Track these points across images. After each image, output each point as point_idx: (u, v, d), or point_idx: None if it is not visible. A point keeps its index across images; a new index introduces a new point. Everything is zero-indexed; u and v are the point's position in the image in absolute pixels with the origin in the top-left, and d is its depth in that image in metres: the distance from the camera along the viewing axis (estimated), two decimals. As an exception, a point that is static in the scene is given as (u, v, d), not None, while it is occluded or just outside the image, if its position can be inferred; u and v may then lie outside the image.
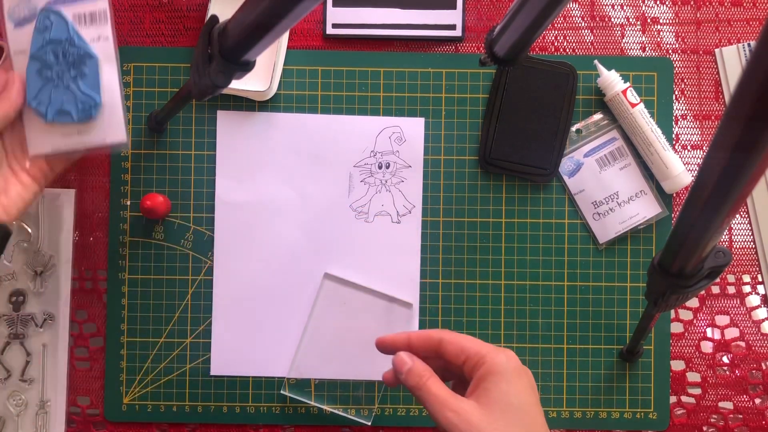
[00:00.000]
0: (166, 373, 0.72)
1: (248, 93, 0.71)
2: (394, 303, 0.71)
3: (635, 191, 0.70)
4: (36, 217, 0.72)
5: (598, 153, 0.70)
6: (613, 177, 0.70)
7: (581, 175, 0.70)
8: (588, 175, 0.70)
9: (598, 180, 0.70)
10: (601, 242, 0.71)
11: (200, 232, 0.72)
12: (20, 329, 0.72)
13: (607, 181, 0.70)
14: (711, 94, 0.74)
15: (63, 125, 0.60)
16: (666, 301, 0.54)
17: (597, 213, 0.70)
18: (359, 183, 0.72)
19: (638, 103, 0.70)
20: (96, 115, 0.60)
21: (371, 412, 0.71)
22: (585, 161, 0.70)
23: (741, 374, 0.72)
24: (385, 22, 0.73)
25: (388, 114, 0.73)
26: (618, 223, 0.70)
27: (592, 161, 0.70)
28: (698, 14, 0.74)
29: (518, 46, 0.56)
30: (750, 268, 0.73)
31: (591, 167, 0.70)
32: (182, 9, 0.74)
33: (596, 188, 0.70)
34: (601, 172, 0.70)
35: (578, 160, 0.70)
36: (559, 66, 0.72)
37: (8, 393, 0.71)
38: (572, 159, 0.70)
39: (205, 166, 0.73)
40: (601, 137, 0.70)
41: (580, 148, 0.70)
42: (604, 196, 0.70)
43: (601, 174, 0.70)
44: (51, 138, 0.60)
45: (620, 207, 0.69)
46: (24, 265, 0.72)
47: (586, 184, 0.70)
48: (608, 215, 0.70)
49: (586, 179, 0.70)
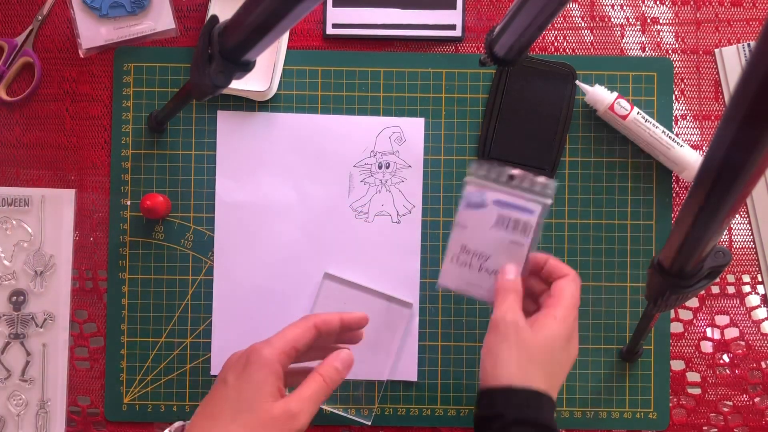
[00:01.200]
0: (166, 373, 0.72)
1: (248, 93, 0.71)
2: (393, 303, 0.71)
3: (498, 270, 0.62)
4: (36, 217, 0.72)
5: (506, 211, 0.61)
6: (497, 242, 0.61)
7: (475, 215, 0.61)
8: (480, 219, 0.61)
9: (483, 232, 0.61)
10: (440, 283, 0.62)
11: (200, 232, 0.72)
12: (20, 329, 0.72)
13: (489, 241, 0.61)
14: (711, 94, 0.74)
15: (116, 18, 0.68)
16: (666, 301, 0.54)
17: (458, 257, 0.62)
18: (359, 183, 0.72)
19: (629, 113, 0.69)
20: (147, 5, 0.70)
21: (371, 411, 0.71)
22: (489, 206, 0.61)
23: (741, 374, 0.72)
24: (385, 22, 0.73)
25: (388, 114, 0.73)
26: (465, 281, 0.62)
27: (493, 211, 0.61)
28: (698, 14, 0.74)
29: (518, 46, 0.56)
30: (750, 268, 0.73)
31: (488, 216, 0.61)
32: (182, 9, 0.74)
33: (476, 237, 0.61)
34: (491, 228, 0.61)
35: (485, 200, 0.61)
36: (559, 66, 0.72)
37: (8, 393, 0.71)
38: (482, 194, 0.61)
39: (205, 166, 0.73)
40: (522, 199, 0.60)
41: (498, 192, 0.61)
42: (475, 249, 0.61)
43: (489, 230, 0.61)
44: (104, 31, 0.70)
45: (478, 272, 0.61)
46: (24, 265, 0.72)
47: (472, 225, 0.61)
48: (464, 268, 0.62)
49: (476, 222, 0.61)
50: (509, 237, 0.61)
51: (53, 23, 0.73)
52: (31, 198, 0.72)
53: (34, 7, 0.74)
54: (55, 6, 0.73)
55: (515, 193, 0.61)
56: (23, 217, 0.72)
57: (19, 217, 0.72)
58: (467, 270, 0.62)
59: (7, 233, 0.72)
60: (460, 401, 0.72)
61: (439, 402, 0.72)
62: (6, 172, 0.73)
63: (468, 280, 0.62)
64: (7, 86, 0.73)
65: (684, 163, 0.69)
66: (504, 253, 0.61)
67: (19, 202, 0.72)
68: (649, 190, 0.73)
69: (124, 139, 0.73)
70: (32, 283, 0.72)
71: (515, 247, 0.61)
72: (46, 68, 0.73)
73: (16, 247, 0.72)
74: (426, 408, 0.72)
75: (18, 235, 0.72)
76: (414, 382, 0.72)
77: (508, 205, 0.61)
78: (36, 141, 0.73)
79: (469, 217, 0.62)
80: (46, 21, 0.74)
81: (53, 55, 0.73)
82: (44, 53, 0.73)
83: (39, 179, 0.73)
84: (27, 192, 0.72)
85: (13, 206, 0.72)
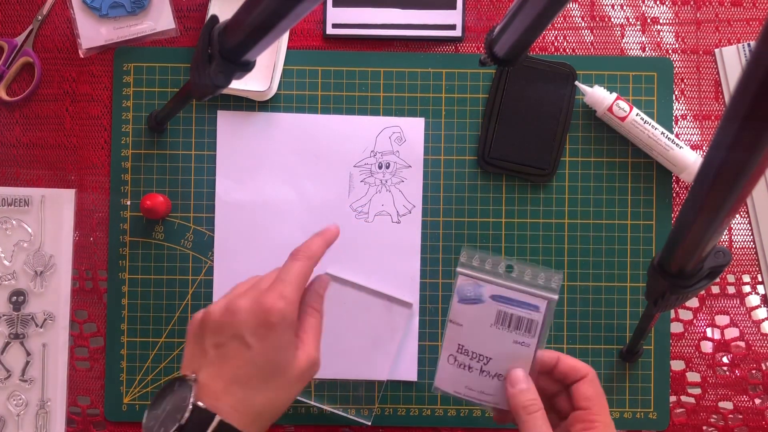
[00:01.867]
0: (166, 373, 0.72)
1: (248, 93, 0.71)
2: (394, 303, 0.71)
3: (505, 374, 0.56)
4: (36, 217, 0.72)
5: (507, 307, 0.55)
6: (499, 343, 0.55)
7: (471, 311, 0.55)
8: (477, 316, 0.55)
9: (483, 331, 0.55)
10: (436, 386, 0.57)
11: (200, 232, 0.72)
12: (20, 329, 0.72)
13: (490, 341, 0.55)
14: (711, 94, 0.74)
15: (116, 18, 0.67)
16: (666, 301, 0.54)
17: (455, 357, 0.56)
18: (359, 183, 0.72)
19: (627, 114, 0.69)
20: (147, 5, 0.70)
21: (371, 411, 0.71)
22: (487, 302, 0.55)
23: (741, 374, 0.72)
24: (385, 22, 0.73)
25: (388, 114, 0.73)
26: (464, 385, 0.56)
27: (493, 308, 0.55)
28: (698, 14, 0.74)
29: (518, 47, 0.56)
30: (750, 268, 0.73)
31: (487, 313, 0.55)
32: (182, 9, 0.74)
33: (475, 336, 0.55)
34: (492, 326, 0.55)
35: (481, 294, 0.55)
36: (559, 66, 0.72)
37: (8, 393, 0.71)
38: (478, 287, 0.55)
39: (205, 166, 0.73)
40: (524, 295, 0.54)
41: (495, 286, 0.55)
42: (474, 350, 0.55)
43: (490, 328, 0.55)
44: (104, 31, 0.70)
45: (480, 374, 0.55)
46: (24, 265, 0.72)
47: (469, 323, 0.55)
48: (463, 369, 0.56)
49: (472, 319, 0.55)
50: (512, 337, 0.55)
51: (53, 23, 0.73)
52: (31, 198, 0.72)
53: (34, 7, 0.74)
54: (55, 6, 0.73)
55: (516, 287, 0.54)
56: (23, 217, 0.72)
57: (19, 217, 0.72)
58: (466, 373, 0.56)
59: (7, 233, 0.72)
60: (460, 401, 0.72)
61: (439, 402, 0.72)
62: (6, 172, 0.73)
63: (468, 385, 0.56)
64: (7, 86, 0.73)
65: (683, 164, 0.69)
66: (508, 355, 0.55)
67: (19, 202, 0.72)
68: (649, 190, 0.73)
69: (124, 139, 0.73)
70: (32, 283, 0.72)
71: (520, 347, 0.54)
72: (46, 68, 0.73)
73: (16, 247, 0.72)
74: (426, 408, 0.72)
75: (18, 235, 0.72)
76: (414, 382, 0.72)
77: (508, 301, 0.54)
78: (36, 141, 0.73)
79: (463, 313, 0.55)
80: (46, 21, 0.74)
81: (53, 55, 0.73)
82: (44, 53, 0.73)
83: (39, 179, 0.73)
84: (27, 192, 0.72)
85: (13, 206, 0.72)
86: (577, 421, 0.54)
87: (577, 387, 0.55)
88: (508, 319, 0.55)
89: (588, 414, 0.53)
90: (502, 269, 0.55)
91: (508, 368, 0.55)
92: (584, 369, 0.55)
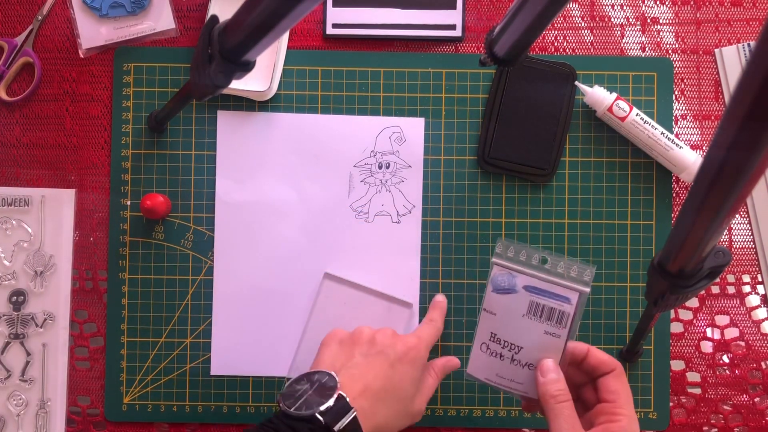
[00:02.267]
0: (166, 373, 0.72)
1: (248, 93, 0.71)
2: (393, 303, 0.71)
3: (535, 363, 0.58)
4: (36, 217, 0.72)
5: (539, 298, 0.56)
6: (531, 333, 0.57)
7: (504, 300, 0.57)
8: (510, 306, 0.57)
9: (515, 320, 0.57)
10: (468, 373, 0.60)
11: (200, 232, 0.72)
12: (20, 329, 0.72)
13: (522, 331, 0.57)
14: (711, 94, 0.74)
15: (116, 18, 0.68)
16: (666, 301, 0.54)
17: (487, 345, 0.58)
18: (359, 183, 0.72)
19: (627, 114, 0.69)
20: (147, 5, 0.70)
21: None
22: (519, 292, 0.57)
23: (741, 374, 0.72)
24: (385, 22, 0.73)
25: (388, 114, 0.73)
26: (496, 373, 0.58)
27: (525, 298, 0.57)
28: (698, 14, 0.74)
29: (518, 47, 0.56)
30: (750, 268, 0.73)
31: (519, 303, 0.57)
32: (182, 9, 0.74)
33: (507, 325, 0.57)
34: (524, 316, 0.57)
35: (515, 284, 0.56)
36: (559, 66, 0.72)
37: (8, 393, 0.71)
38: (511, 277, 0.57)
39: (205, 166, 0.73)
40: (557, 287, 0.56)
41: (529, 277, 0.57)
42: (506, 339, 0.57)
43: (522, 318, 0.57)
44: (104, 31, 0.70)
45: (511, 363, 0.57)
46: (24, 265, 0.72)
47: (502, 312, 0.57)
48: (495, 357, 0.58)
49: (505, 309, 0.57)
50: (544, 327, 0.56)
51: (53, 23, 0.73)
52: (31, 198, 0.72)
53: (34, 7, 0.74)
54: (55, 6, 0.73)
55: (549, 278, 0.56)
56: (23, 217, 0.72)
57: (19, 217, 0.72)
58: (498, 361, 0.58)
59: (7, 233, 0.72)
60: (461, 401, 0.72)
61: (439, 402, 0.72)
62: (6, 172, 0.73)
63: (499, 373, 0.58)
64: (7, 86, 0.73)
65: (683, 165, 0.69)
66: (539, 345, 0.56)
67: (19, 202, 0.72)
68: (649, 190, 0.73)
69: (124, 139, 0.73)
70: (32, 283, 0.72)
71: (551, 338, 0.56)
72: (46, 68, 0.73)
73: (16, 247, 0.72)
74: (426, 408, 0.72)
75: (18, 235, 0.72)
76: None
77: (541, 292, 0.56)
78: (36, 141, 0.73)
79: (497, 302, 0.57)
80: (46, 21, 0.74)
81: (53, 55, 0.73)
82: (44, 53, 0.73)
83: (39, 179, 0.73)
84: (27, 192, 0.72)
85: (13, 206, 0.72)
86: (602, 413, 0.55)
87: (604, 380, 0.56)
88: (540, 309, 0.57)
89: (613, 407, 0.55)
90: (536, 261, 0.57)
91: (538, 358, 0.57)
92: (613, 363, 0.57)
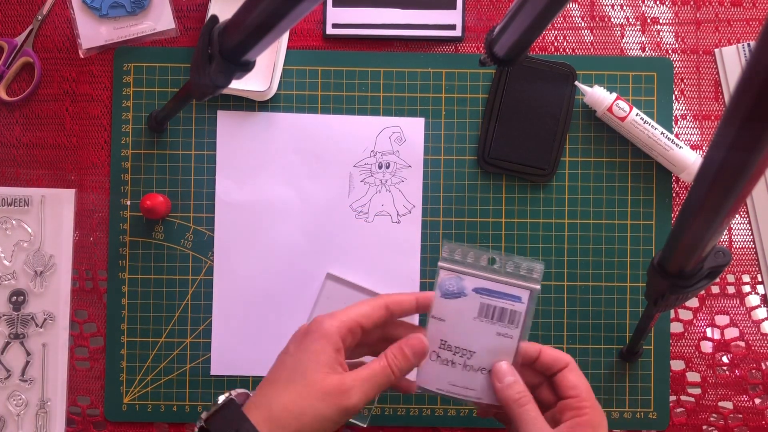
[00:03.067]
0: (166, 373, 0.72)
1: (248, 93, 0.71)
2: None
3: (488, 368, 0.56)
4: (36, 217, 0.72)
5: (490, 299, 0.55)
6: (483, 336, 0.55)
7: (453, 305, 0.55)
8: (460, 310, 0.55)
9: (466, 325, 0.55)
10: (419, 384, 0.57)
11: (200, 232, 0.72)
12: (20, 329, 0.72)
13: (474, 335, 0.55)
14: (711, 94, 0.74)
15: (116, 18, 0.68)
16: (666, 301, 0.54)
17: (437, 353, 0.56)
18: (359, 183, 0.72)
19: (627, 114, 0.69)
20: (147, 5, 0.70)
21: (370, 411, 0.71)
22: (470, 295, 0.55)
23: (741, 374, 0.72)
24: (385, 22, 0.73)
25: (388, 114, 0.73)
26: (448, 381, 0.56)
27: (476, 301, 0.55)
28: (698, 14, 0.74)
29: (518, 47, 0.56)
30: (750, 268, 0.73)
31: (470, 306, 0.55)
32: (182, 9, 0.74)
33: (457, 330, 0.56)
34: (475, 319, 0.55)
35: (463, 287, 0.55)
36: (559, 66, 0.72)
37: (8, 393, 0.71)
38: (460, 280, 0.55)
39: (205, 166, 0.73)
40: (507, 286, 0.55)
41: (478, 279, 0.55)
42: (458, 344, 0.56)
43: (473, 321, 0.55)
44: (104, 31, 0.70)
45: (464, 369, 0.56)
46: (24, 265, 0.72)
47: (452, 317, 0.56)
48: (446, 365, 0.56)
49: (455, 313, 0.55)
50: (496, 329, 0.55)
51: (53, 23, 0.73)
52: (31, 198, 0.72)
53: (34, 7, 0.74)
54: (55, 6, 0.73)
55: (498, 279, 0.55)
56: (23, 217, 0.72)
57: (19, 217, 0.72)
58: (450, 369, 0.56)
59: (7, 233, 0.72)
60: (460, 401, 0.72)
61: (439, 402, 0.72)
62: (6, 172, 0.73)
63: (451, 381, 0.56)
64: (7, 86, 0.73)
65: (683, 164, 0.69)
66: (491, 348, 0.55)
67: (19, 202, 0.72)
68: (649, 190, 0.73)
69: (124, 139, 0.73)
70: (32, 283, 0.72)
71: (503, 339, 0.55)
72: (46, 68, 0.73)
73: (16, 247, 0.72)
74: (426, 408, 0.72)
75: (18, 235, 0.72)
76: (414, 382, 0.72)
77: (491, 293, 0.55)
78: (36, 141, 0.73)
79: (446, 307, 0.55)
80: (46, 21, 0.74)
81: (53, 55, 0.73)
82: (44, 53, 0.73)
83: (39, 179, 0.73)
84: (27, 192, 0.72)
85: (13, 206, 0.72)
86: (566, 409, 0.54)
87: (561, 376, 0.55)
88: (491, 311, 0.55)
89: (577, 401, 0.54)
90: (484, 262, 0.55)
91: (492, 361, 0.55)
92: (565, 358, 0.56)
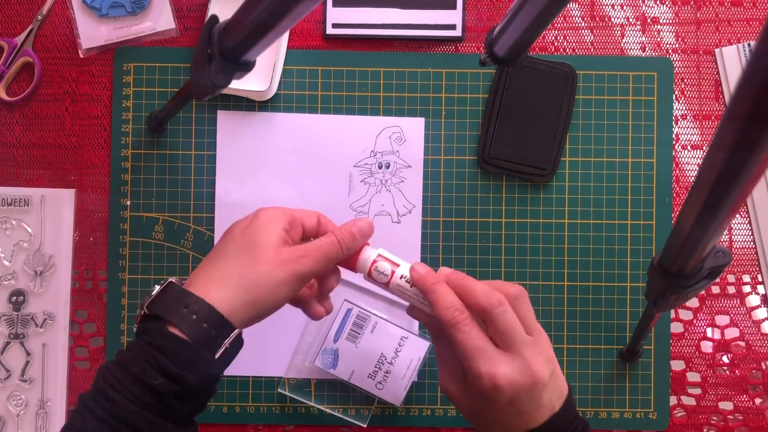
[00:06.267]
0: (166, 373, 0.72)
1: (248, 93, 0.71)
2: (394, 305, 0.71)
3: (397, 343, 0.69)
4: (36, 217, 0.72)
5: (344, 332, 0.69)
6: (371, 343, 0.69)
7: (343, 361, 0.69)
8: (349, 356, 0.69)
9: (360, 355, 0.69)
10: (398, 405, 0.69)
11: (200, 232, 0.72)
12: (20, 329, 0.72)
13: (369, 351, 0.69)
14: (711, 94, 0.74)
15: (116, 18, 0.68)
16: (666, 301, 0.54)
17: (378, 383, 0.69)
18: (359, 183, 0.72)
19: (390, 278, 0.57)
20: (147, 5, 0.70)
21: (370, 411, 0.71)
22: (338, 345, 0.69)
23: (741, 374, 0.72)
24: (385, 22, 0.73)
25: (388, 114, 0.73)
26: (399, 378, 0.69)
27: (344, 343, 0.69)
28: (698, 14, 0.74)
29: (518, 46, 0.56)
30: (750, 268, 0.73)
31: (347, 348, 0.69)
32: (182, 9, 0.74)
33: (363, 363, 0.69)
34: (357, 346, 0.69)
35: (333, 349, 0.69)
36: (559, 66, 0.72)
37: (8, 393, 0.71)
38: (327, 351, 0.69)
39: (205, 166, 0.73)
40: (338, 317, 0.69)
41: (327, 337, 0.69)
42: (374, 366, 0.69)
43: (358, 348, 0.69)
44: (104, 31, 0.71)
45: (393, 365, 0.68)
46: (24, 265, 0.72)
47: (352, 365, 0.69)
48: (388, 378, 0.69)
49: (350, 361, 0.69)
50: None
51: (53, 23, 0.73)
52: (31, 198, 0.72)
53: (34, 7, 0.74)
54: (55, 6, 0.73)
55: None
56: (23, 217, 0.72)
57: (19, 217, 0.72)
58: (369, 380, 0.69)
59: (7, 233, 0.72)
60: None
61: (439, 402, 0.72)
62: (6, 172, 0.73)
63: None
64: (7, 86, 0.73)
65: None
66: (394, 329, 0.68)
67: (19, 202, 0.72)
68: (649, 190, 0.73)
69: (124, 139, 0.73)
70: (32, 283, 0.72)
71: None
72: (46, 68, 0.73)
73: (16, 247, 0.72)
74: (426, 408, 0.72)
75: (18, 235, 0.72)
76: (414, 382, 0.72)
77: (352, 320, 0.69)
78: (36, 141, 0.73)
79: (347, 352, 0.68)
80: (45, 21, 0.74)
81: (53, 55, 0.73)
82: (44, 53, 0.73)
83: (39, 179, 0.73)
84: (27, 192, 0.72)
85: (13, 206, 0.72)
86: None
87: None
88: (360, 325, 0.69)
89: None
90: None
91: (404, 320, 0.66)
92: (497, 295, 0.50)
